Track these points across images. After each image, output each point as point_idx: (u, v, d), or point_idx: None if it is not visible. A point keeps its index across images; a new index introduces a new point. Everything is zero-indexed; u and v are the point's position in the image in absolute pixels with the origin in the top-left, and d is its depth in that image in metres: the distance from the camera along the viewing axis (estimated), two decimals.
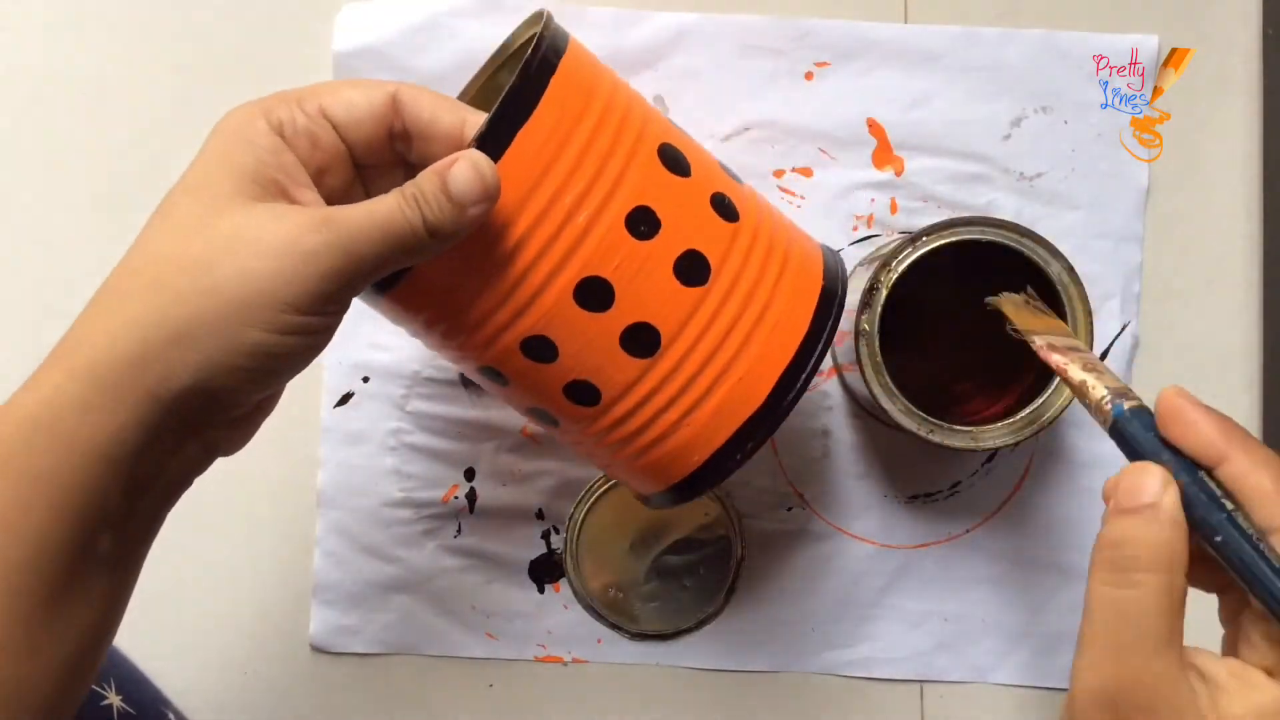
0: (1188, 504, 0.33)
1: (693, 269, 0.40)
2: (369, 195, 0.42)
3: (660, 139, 0.41)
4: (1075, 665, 0.35)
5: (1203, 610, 0.37)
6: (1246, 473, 0.33)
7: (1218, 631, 0.36)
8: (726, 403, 0.41)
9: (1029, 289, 0.46)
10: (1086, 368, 0.38)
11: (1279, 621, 0.32)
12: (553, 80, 0.39)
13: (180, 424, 0.36)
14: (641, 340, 0.40)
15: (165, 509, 0.39)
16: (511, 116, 0.38)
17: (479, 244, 0.39)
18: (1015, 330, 0.43)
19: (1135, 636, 0.33)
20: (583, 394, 0.41)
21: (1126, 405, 0.35)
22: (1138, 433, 0.35)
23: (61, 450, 0.34)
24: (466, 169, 0.36)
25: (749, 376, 0.41)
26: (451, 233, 0.36)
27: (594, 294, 0.39)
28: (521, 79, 0.38)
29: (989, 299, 0.44)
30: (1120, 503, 0.34)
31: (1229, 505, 0.33)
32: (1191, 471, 0.33)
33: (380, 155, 0.41)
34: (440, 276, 0.39)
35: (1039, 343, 0.41)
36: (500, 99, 0.38)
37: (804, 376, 0.41)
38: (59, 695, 0.36)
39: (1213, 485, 0.33)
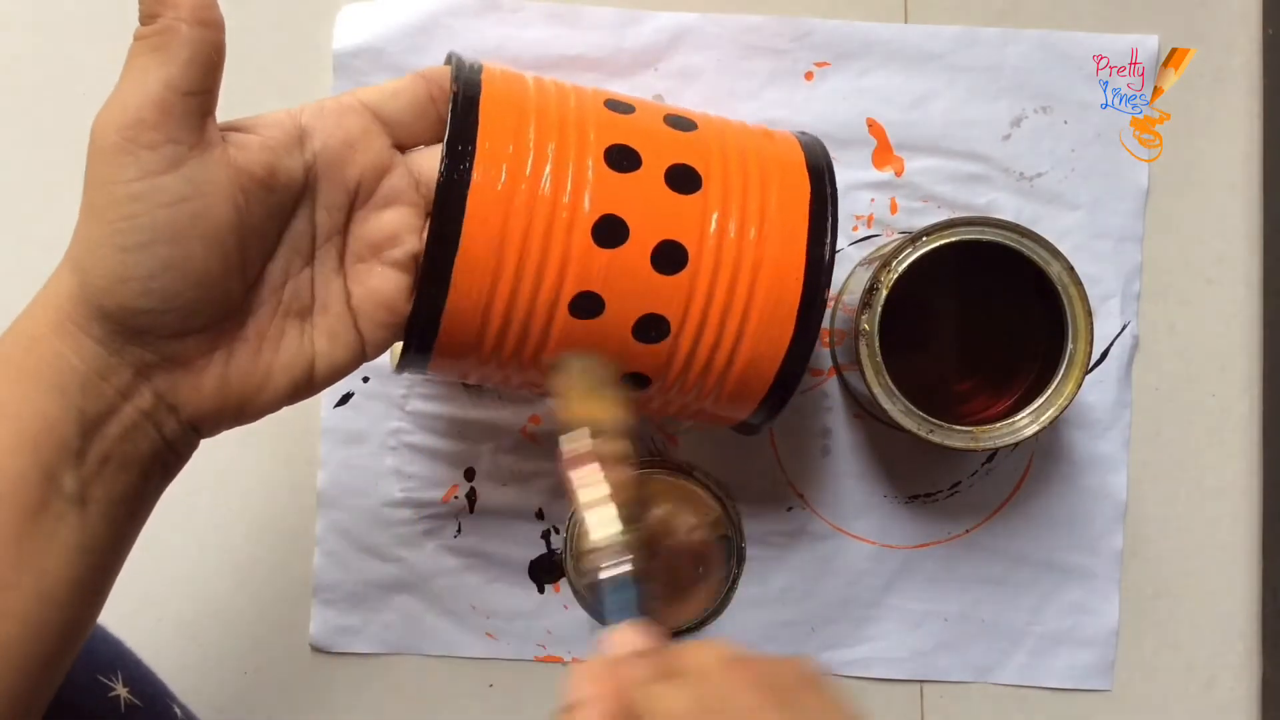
0: None
1: (684, 179, 0.43)
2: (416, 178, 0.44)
3: (605, 97, 0.45)
4: None
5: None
6: None
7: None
8: (781, 250, 0.43)
9: (612, 367, 0.41)
10: (597, 501, 0.34)
11: None
12: (481, 109, 0.42)
13: (114, 356, 0.37)
14: (672, 258, 0.43)
15: (137, 473, 0.39)
16: (461, 145, 0.41)
17: (496, 240, 0.41)
18: (562, 408, 0.37)
19: None
20: (651, 329, 0.43)
21: (607, 573, 0.33)
22: (607, 601, 0.33)
23: (13, 380, 0.36)
24: None
25: (783, 226, 0.43)
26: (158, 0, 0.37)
27: (611, 230, 0.42)
28: (453, 122, 0.41)
29: (558, 359, 0.40)
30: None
31: None
32: None
33: (429, 126, 0.44)
34: (467, 304, 0.41)
35: (566, 446, 0.35)
36: (445, 139, 0.41)
37: (827, 244, 0.44)
38: (34, 650, 0.36)
39: None
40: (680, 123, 0.45)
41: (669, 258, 0.43)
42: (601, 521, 0.33)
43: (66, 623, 0.37)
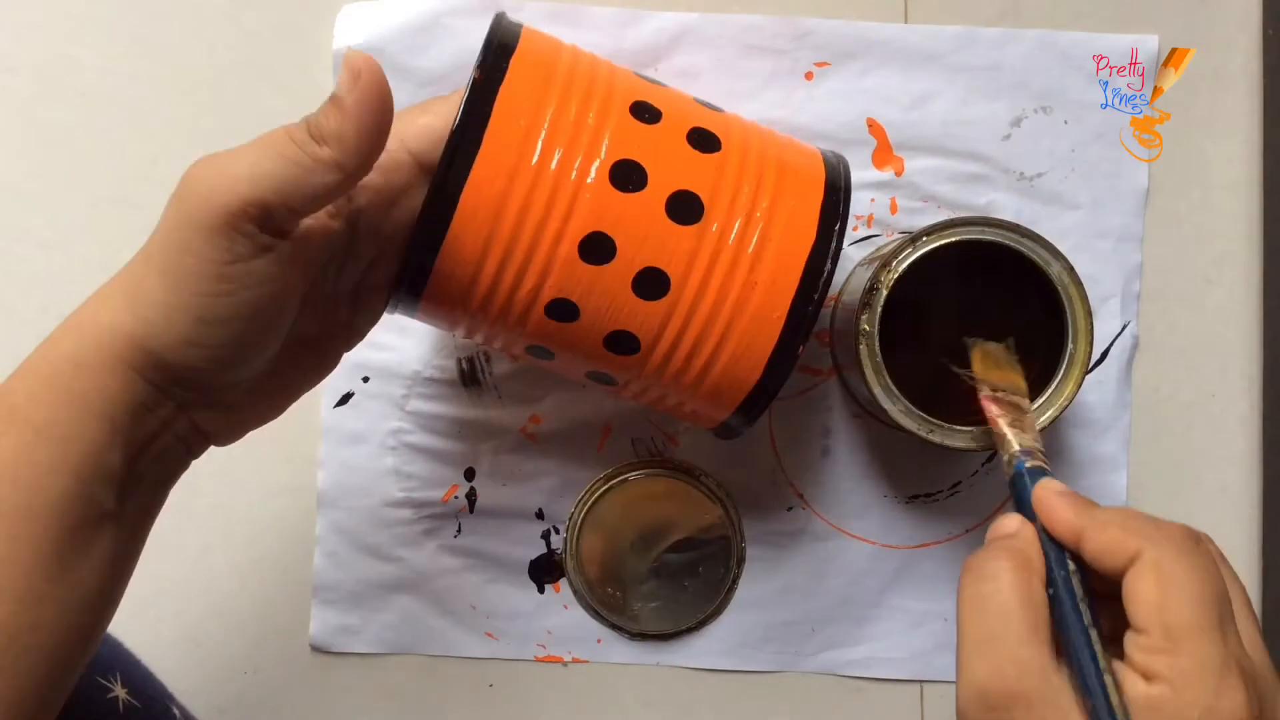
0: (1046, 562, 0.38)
1: (704, 140, 0.44)
2: None
3: (631, 76, 0.46)
4: (956, 674, 0.37)
5: None
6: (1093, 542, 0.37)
7: None
8: (783, 251, 0.43)
9: (1011, 340, 0.48)
10: (1014, 424, 0.44)
11: (1076, 662, 0.35)
12: (510, 65, 0.42)
13: (162, 394, 0.38)
14: (686, 207, 0.43)
15: (164, 486, 0.40)
16: (480, 105, 0.41)
17: (493, 203, 0.41)
18: (970, 378, 0.46)
19: (1001, 627, 0.36)
20: (653, 284, 0.43)
21: (1028, 464, 0.41)
22: (1025, 488, 0.40)
23: (61, 404, 0.36)
24: (340, 71, 0.37)
25: (790, 226, 0.44)
26: (337, 132, 0.37)
27: (627, 175, 0.42)
28: (479, 71, 0.42)
29: (967, 339, 0.47)
30: (986, 538, 0.39)
31: (1071, 567, 0.37)
32: (1049, 539, 0.38)
33: None
34: (466, 254, 0.42)
35: (984, 392, 0.45)
36: (466, 91, 0.41)
37: (834, 240, 0.44)
38: (60, 655, 0.36)
39: (1061, 551, 0.38)
40: (709, 105, 0.46)
41: (685, 207, 0.43)
42: (1016, 436, 0.43)
43: (90, 628, 0.38)
